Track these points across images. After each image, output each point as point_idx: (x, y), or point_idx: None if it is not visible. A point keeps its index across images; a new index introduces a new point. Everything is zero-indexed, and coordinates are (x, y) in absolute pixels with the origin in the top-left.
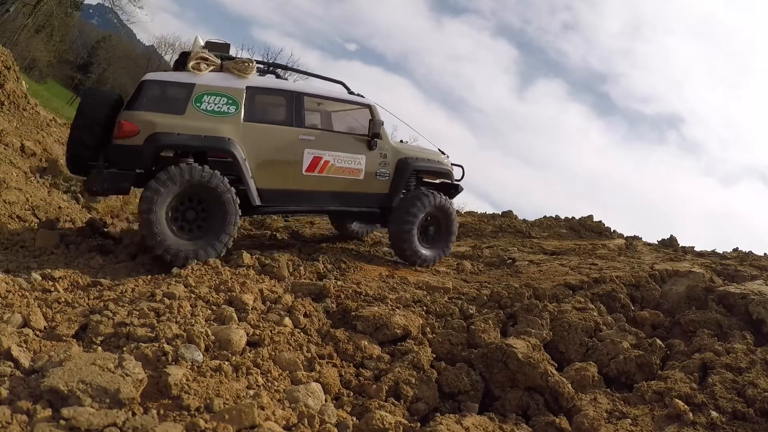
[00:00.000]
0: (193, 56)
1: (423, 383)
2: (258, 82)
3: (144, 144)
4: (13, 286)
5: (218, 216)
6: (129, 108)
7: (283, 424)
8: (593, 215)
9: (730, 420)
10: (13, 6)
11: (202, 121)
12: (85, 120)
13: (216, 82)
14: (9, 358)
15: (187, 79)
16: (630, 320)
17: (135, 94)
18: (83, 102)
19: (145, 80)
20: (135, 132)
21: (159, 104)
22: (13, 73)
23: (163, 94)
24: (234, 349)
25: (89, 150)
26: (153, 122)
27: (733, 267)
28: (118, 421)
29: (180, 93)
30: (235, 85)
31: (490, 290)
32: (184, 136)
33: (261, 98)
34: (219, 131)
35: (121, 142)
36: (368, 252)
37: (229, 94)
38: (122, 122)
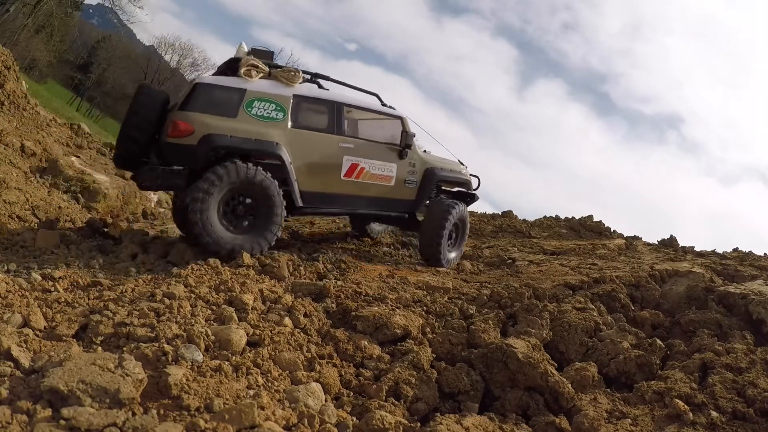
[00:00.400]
0: (243, 63)
1: (423, 383)
2: (303, 91)
3: (198, 144)
4: (13, 286)
5: (265, 211)
6: (182, 108)
7: (283, 424)
8: (593, 215)
9: (730, 420)
10: (13, 6)
11: (253, 125)
12: (138, 117)
13: (265, 88)
14: (9, 358)
15: (239, 85)
16: (630, 320)
17: (188, 96)
18: (138, 100)
19: (198, 83)
20: (190, 132)
21: (212, 107)
22: (13, 73)
23: (215, 97)
24: (234, 349)
25: (139, 146)
26: (207, 123)
27: (733, 267)
28: (118, 421)
29: (232, 97)
30: (283, 93)
31: (490, 290)
32: (236, 139)
33: (306, 106)
34: (268, 135)
35: (175, 140)
36: (368, 252)
37: (278, 101)
38: (178, 122)
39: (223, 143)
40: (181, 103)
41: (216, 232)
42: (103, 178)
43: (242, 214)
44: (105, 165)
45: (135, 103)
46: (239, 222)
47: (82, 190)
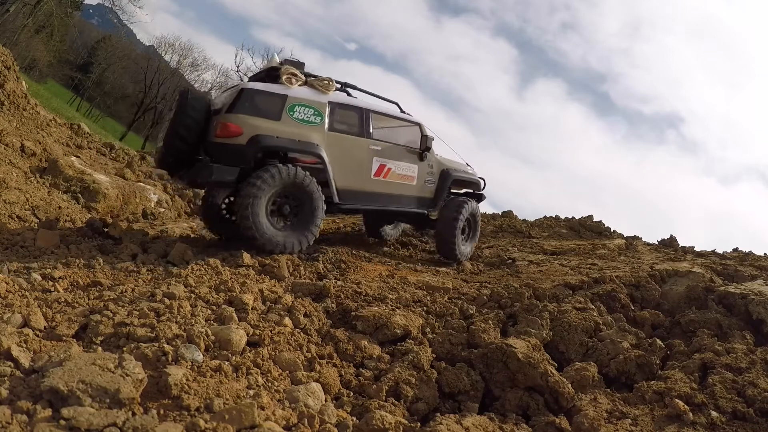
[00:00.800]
0: (283, 71)
1: (423, 383)
2: (337, 98)
3: (247, 144)
4: (13, 286)
5: (308, 211)
6: (230, 111)
7: (283, 424)
8: (593, 215)
9: (730, 420)
10: (13, 6)
11: (295, 128)
12: (188, 119)
13: (304, 95)
14: (9, 358)
15: (281, 91)
16: (630, 320)
17: (236, 100)
18: (187, 102)
19: (244, 88)
20: (239, 133)
21: (258, 110)
22: (13, 73)
23: (260, 101)
24: (234, 349)
25: (189, 146)
26: (255, 125)
27: (733, 267)
28: (118, 421)
29: (275, 102)
30: (320, 99)
31: (490, 290)
32: (282, 140)
33: (339, 112)
34: (309, 138)
35: (224, 140)
36: (368, 252)
37: (315, 107)
38: (228, 123)
39: (270, 143)
40: (229, 106)
41: (266, 231)
42: (103, 178)
43: (287, 213)
44: (105, 165)
45: (184, 105)
46: (284, 220)
47: (82, 190)
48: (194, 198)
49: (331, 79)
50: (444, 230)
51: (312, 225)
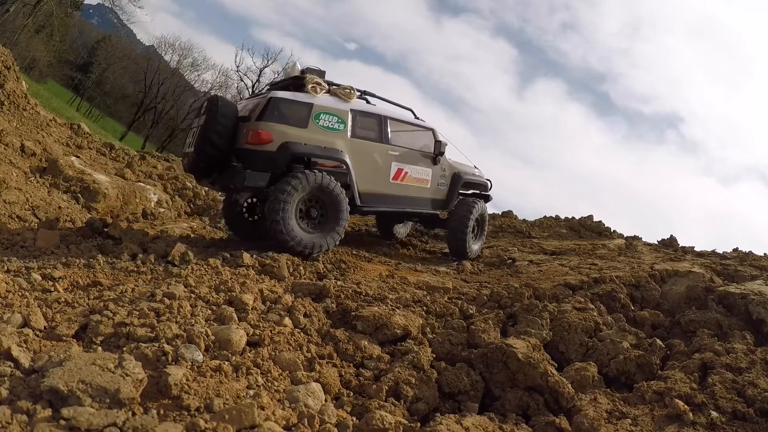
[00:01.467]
0: (309, 81)
1: (423, 383)
2: (358, 106)
3: (277, 151)
4: (13, 286)
5: (333, 214)
6: (260, 119)
7: (283, 424)
8: (593, 215)
9: (730, 420)
10: (13, 6)
11: (320, 135)
12: (220, 126)
13: (329, 103)
14: (9, 358)
15: (307, 99)
16: (630, 320)
17: (265, 108)
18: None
19: (272, 97)
20: (269, 140)
21: (286, 118)
22: (13, 73)
23: (288, 110)
24: (234, 349)
25: (219, 152)
26: (284, 133)
27: (733, 267)
28: (118, 421)
29: (302, 110)
30: (343, 107)
31: (490, 290)
32: (310, 146)
33: (360, 119)
34: (334, 144)
35: (255, 147)
36: (368, 252)
37: (339, 114)
38: (260, 131)
39: (300, 150)
40: (259, 114)
41: (297, 234)
42: (103, 178)
43: (314, 216)
44: (105, 165)
45: (215, 112)
46: (312, 223)
47: (82, 190)
48: (194, 198)
49: (352, 88)
50: (456, 229)
51: (338, 227)
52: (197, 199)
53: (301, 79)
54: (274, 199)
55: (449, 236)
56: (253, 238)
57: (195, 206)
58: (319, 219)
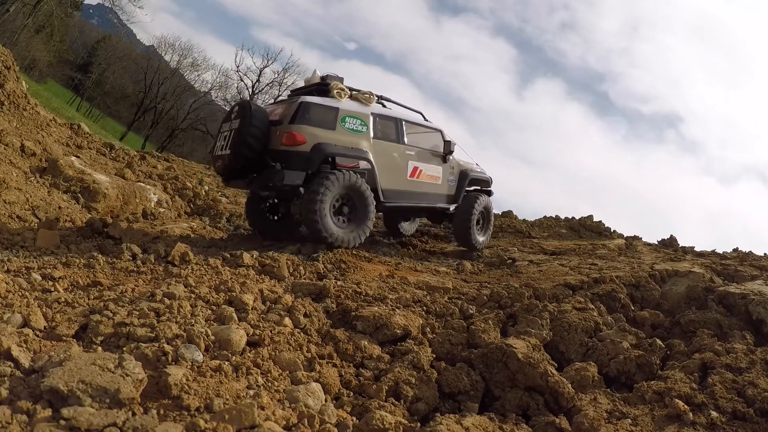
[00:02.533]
0: (333, 87)
1: (423, 383)
2: (377, 110)
3: (311, 151)
4: (13, 286)
5: (362, 210)
6: (293, 122)
7: (283, 424)
8: (593, 215)
9: (730, 420)
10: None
11: (347, 137)
12: (255, 129)
13: (353, 107)
14: (9, 358)
15: (333, 104)
16: (630, 320)
17: (297, 112)
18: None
19: (303, 102)
20: (303, 141)
21: (316, 121)
22: (13, 73)
23: (317, 113)
24: (234, 349)
25: (254, 154)
26: (315, 135)
27: (733, 267)
28: (118, 421)
29: (330, 114)
30: (365, 111)
31: (490, 290)
32: (340, 147)
33: (380, 121)
34: (360, 145)
35: (290, 148)
36: (368, 252)
37: (362, 118)
38: (294, 133)
39: (332, 151)
40: (291, 118)
41: (331, 229)
42: (103, 178)
43: (345, 212)
44: (105, 165)
45: (249, 117)
46: (343, 218)
47: (82, 190)
48: (194, 198)
49: (371, 93)
50: (461, 222)
51: (366, 222)
52: (197, 199)
53: (324, 86)
54: (312, 197)
55: (455, 228)
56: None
57: (195, 206)
58: (349, 215)
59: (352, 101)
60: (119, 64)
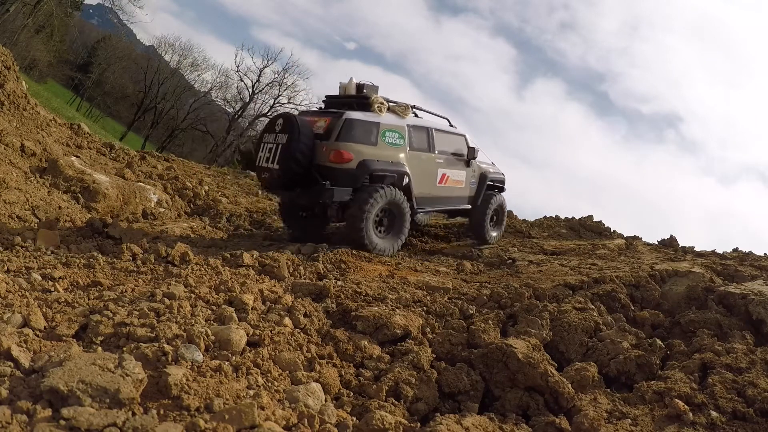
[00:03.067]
0: (374, 101)
1: (423, 383)
2: (411, 121)
3: (357, 168)
4: (13, 286)
5: (399, 222)
6: (338, 139)
7: (283, 424)
8: (593, 215)
9: (730, 420)
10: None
11: (387, 151)
12: (303, 145)
13: (391, 121)
14: (9, 358)
15: (375, 119)
16: (630, 320)
17: (342, 129)
18: (299, 129)
19: (347, 118)
20: (350, 159)
21: (360, 137)
22: (13, 73)
23: (361, 129)
24: (234, 349)
25: (302, 169)
26: (360, 151)
27: (733, 267)
28: (118, 421)
29: (372, 129)
30: (401, 123)
31: (490, 290)
32: (381, 163)
33: (414, 132)
34: (398, 158)
35: (337, 165)
36: (368, 252)
37: (399, 131)
38: (342, 151)
39: (376, 167)
40: (338, 135)
41: (374, 239)
42: (103, 178)
43: (385, 224)
44: (105, 165)
45: (297, 132)
46: (383, 229)
47: (82, 190)
48: (194, 198)
49: (407, 105)
50: (477, 219)
51: (402, 233)
52: (197, 199)
53: (365, 99)
54: (359, 214)
55: (472, 224)
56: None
57: (195, 206)
58: (388, 227)
59: (390, 115)
60: (119, 64)
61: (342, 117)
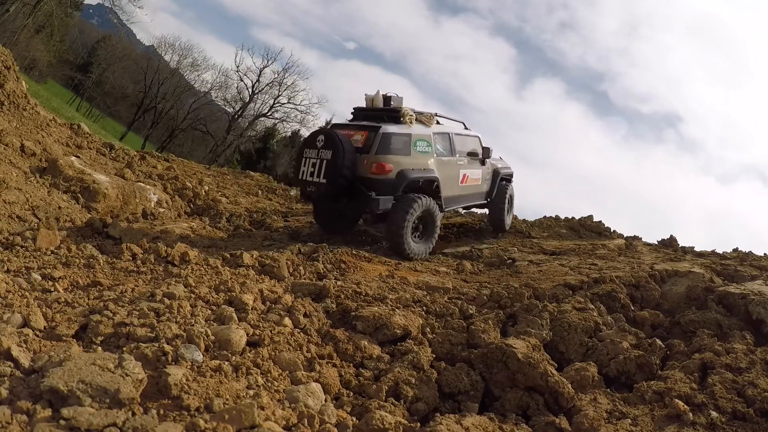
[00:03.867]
0: (405, 113)
1: (423, 383)
2: (436, 129)
3: (396, 178)
4: (13, 286)
5: (431, 227)
6: (378, 152)
7: (283, 424)
8: (593, 215)
9: (730, 420)
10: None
11: (419, 159)
12: (348, 160)
13: (420, 131)
14: (9, 358)
15: (407, 131)
16: (630, 320)
17: (381, 142)
18: (343, 144)
19: (384, 132)
20: (390, 170)
21: (396, 149)
22: (13, 73)
23: (396, 142)
24: (234, 349)
25: (347, 182)
26: (398, 162)
27: (733, 267)
28: (118, 421)
29: (405, 141)
30: (428, 132)
31: (490, 290)
32: (416, 171)
33: (438, 139)
34: (427, 165)
35: (379, 176)
36: (368, 252)
37: (427, 139)
38: (382, 163)
39: (413, 176)
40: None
41: (411, 245)
42: (103, 178)
43: (420, 229)
44: (105, 165)
45: (341, 149)
46: (417, 234)
47: (82, 190)
48: (194, 198)
49: (432, 115)
50: (495, 211)
51: (434, 236)
52: (197, 199)
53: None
54: (399, 222)
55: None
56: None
57: (195, 206)
58: (422, 232)
59: (418, 125)
60: (119, 64)
61: (379, 131)
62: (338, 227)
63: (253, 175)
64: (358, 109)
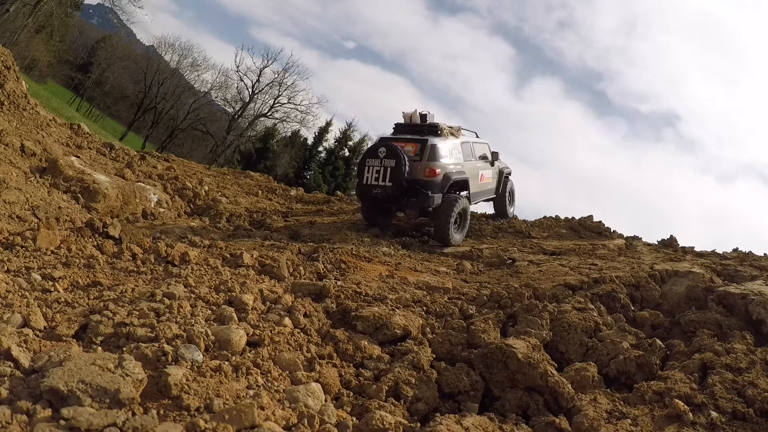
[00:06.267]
0: (442, 128)
1: (423, 383)
2: (462, 139)
3: (443, 180)
4: (13, 286)
5: (464, 220)
6: (429, 160)
7: (283, 424)
8: (593, 215)
9: (730, 420)
10: (13, 6)
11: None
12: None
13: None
14: (9, 358)
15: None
16: (630, 320)
17: (430, 152)
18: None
19: (432, 144)
20: (438, 173)
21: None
22: (13, 73)
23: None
24: (234, 349)
25: (408, 185)
26: (444, 167)
27: (733, 267)
28: (118, 421)
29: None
30: (458, 142)
31: (490, 290)
32: (455, 173)
33: (464, 147)
34: (461, 169)
35: (429, 179)
36: (368, 252)
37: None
38: (433, 168)
39: (455, 178)
40: (428, 156)
41: (453, 235)
42: (103, 178)
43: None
44: (105, 165)
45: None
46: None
47: (82, 190)
48: (194, 198)
49: (459, 128)
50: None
51: (465, 227)
52: (197, 199)
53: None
54: (447, 218)
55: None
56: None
57: (195, 206)
58: (458, 224)
59: (452, 137)
60: (119, 64)
61: (428, 143)
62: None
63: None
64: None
